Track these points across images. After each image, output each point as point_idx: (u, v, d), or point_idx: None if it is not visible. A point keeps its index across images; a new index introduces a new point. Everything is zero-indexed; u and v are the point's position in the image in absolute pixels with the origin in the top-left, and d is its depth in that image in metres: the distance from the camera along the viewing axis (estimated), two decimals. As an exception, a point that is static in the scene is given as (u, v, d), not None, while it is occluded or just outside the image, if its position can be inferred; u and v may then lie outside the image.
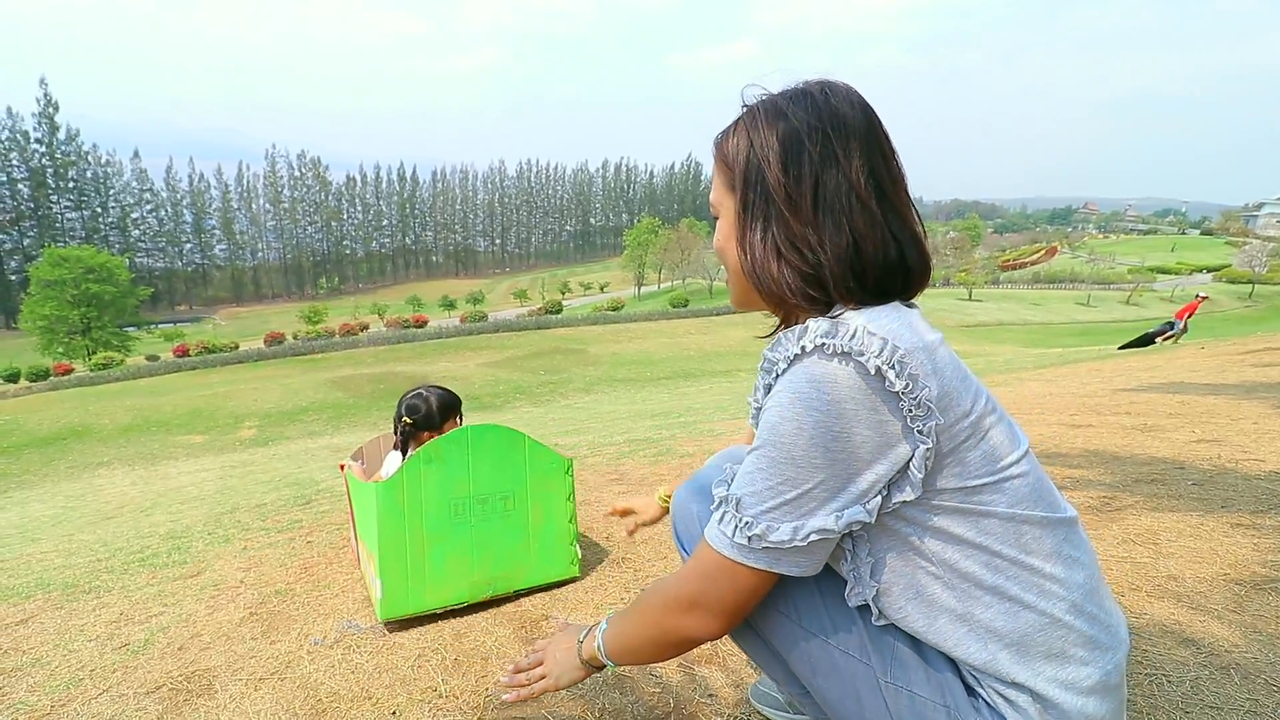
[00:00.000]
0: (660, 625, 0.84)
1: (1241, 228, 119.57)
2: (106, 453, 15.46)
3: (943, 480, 0.73)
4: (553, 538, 1.88)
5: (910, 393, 0.69)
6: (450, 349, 31.98)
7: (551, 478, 1.88)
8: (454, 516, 1.77)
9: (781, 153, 0.77)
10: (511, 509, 1.83)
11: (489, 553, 1.80)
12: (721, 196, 0.85)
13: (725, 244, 0.85)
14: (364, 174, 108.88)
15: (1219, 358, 7.08)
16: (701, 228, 75.30)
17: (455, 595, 1.78)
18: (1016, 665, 0.74)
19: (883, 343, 0.70)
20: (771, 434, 0.72)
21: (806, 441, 0.70)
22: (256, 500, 4.42)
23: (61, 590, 2.44)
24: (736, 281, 0.87)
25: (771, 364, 0.76)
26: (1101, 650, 0.75)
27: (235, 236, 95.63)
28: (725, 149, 0.83)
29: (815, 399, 0.70)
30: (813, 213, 0.76)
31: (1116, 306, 52.00)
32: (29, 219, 77.33)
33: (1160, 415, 3.68)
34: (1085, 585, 0.76)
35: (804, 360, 0.71)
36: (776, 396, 0.73)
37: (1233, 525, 1.97)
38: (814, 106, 0.77)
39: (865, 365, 0.69)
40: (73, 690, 1.58)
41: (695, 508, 0.95)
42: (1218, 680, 1.25)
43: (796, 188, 0.76)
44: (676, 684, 1.39)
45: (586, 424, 8.21)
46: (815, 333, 0.72)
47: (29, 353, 41.65)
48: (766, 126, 0.78)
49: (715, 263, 70.30)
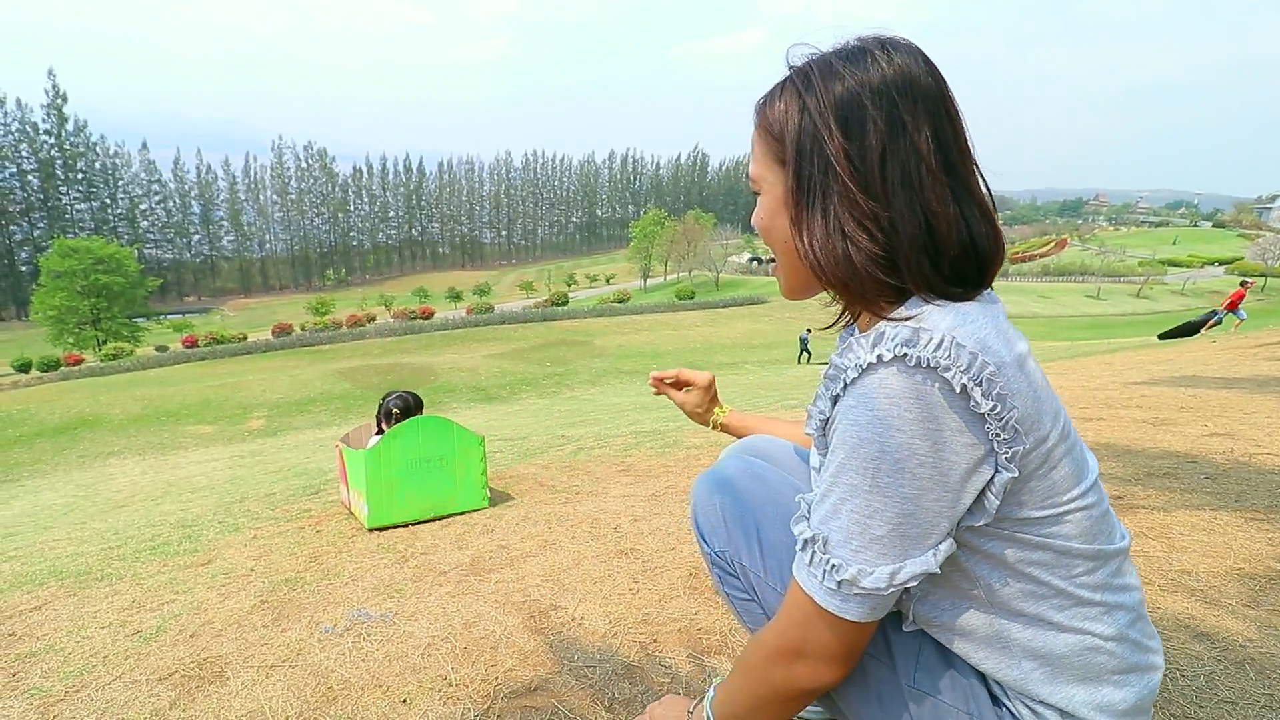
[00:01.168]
0: (768, 683, 0.75)
1: (1254, 220, 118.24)
2: (117, 442, 15.60)
3: (1002, 508, 0.67)
4: (470, 483, 2.83)
5: (998, 414, 0.62)
6: (457, 340, 32.06)
7: (470, 447, 2.82)
8: (410, 469, 2.70)
9: (842, 119, 0.68)
10: (445, 465, 2.77)
11: (431, 490, 2.75)
12: (766, 170, 0.75)
13: (772, 223, 0.76)
14: (370, 165, 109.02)
15: (1231, 351, 7.02)
16: (708, 219, 75.13)
17: (410, 515, 2.71)
18: (1049, 686, 0.71)
19: (971, 357, 0.61)
20: (850, 458, 0.64)
21: (891, 467, 0.62)
22: (265, 490, 4.45)
23: (74, 578, 2.46)
24: (790, 266, 0.77)
25: (839, 371, 0.68)
26: (1139, 673, 0.72)
27: (243, 228, 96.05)
28: (771, 115, 0.73)
29: (897, 418, 0.62)
30: (881, 188, 0.67)
31: (1127, 299, 51.61)
32: (39, 210, 77.88)
33: (1172, 409, 3.65)
34: (1130, 613, 0.72)
35: (879, 372, 0.63)
36: (852, 413, 0.64)
37: (1246, 519, 1.95)
38: (875, 66, 0.68)
39: (950, 382, 0.61)
40: (86, 676, 1.60)
41: (718, 500, 0.90)
42: (1232, 675, 1.24)
43: (861, 159, 0.67)
44: (686, 674, 1.39)
45: (593, 416, 8.22)
46: (894, 340, 0.63)
47: (40, 343, 42.04)
48: (823, 89, 0.69)
49: (721, 255, 70.14)
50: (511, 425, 8.13)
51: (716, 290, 57.29)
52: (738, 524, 0.87)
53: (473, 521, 2.66)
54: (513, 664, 1.48)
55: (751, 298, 45.68)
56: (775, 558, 0.84)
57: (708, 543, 0.91)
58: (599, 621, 1.65)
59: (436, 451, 2.75)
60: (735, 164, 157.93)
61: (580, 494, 2.92)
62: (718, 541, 0.89)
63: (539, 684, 1.39)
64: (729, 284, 61.54)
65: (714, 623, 1.59)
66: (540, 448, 4.62)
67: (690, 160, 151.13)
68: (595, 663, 1.46)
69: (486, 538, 2.41)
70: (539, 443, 5.02)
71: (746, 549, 0.86)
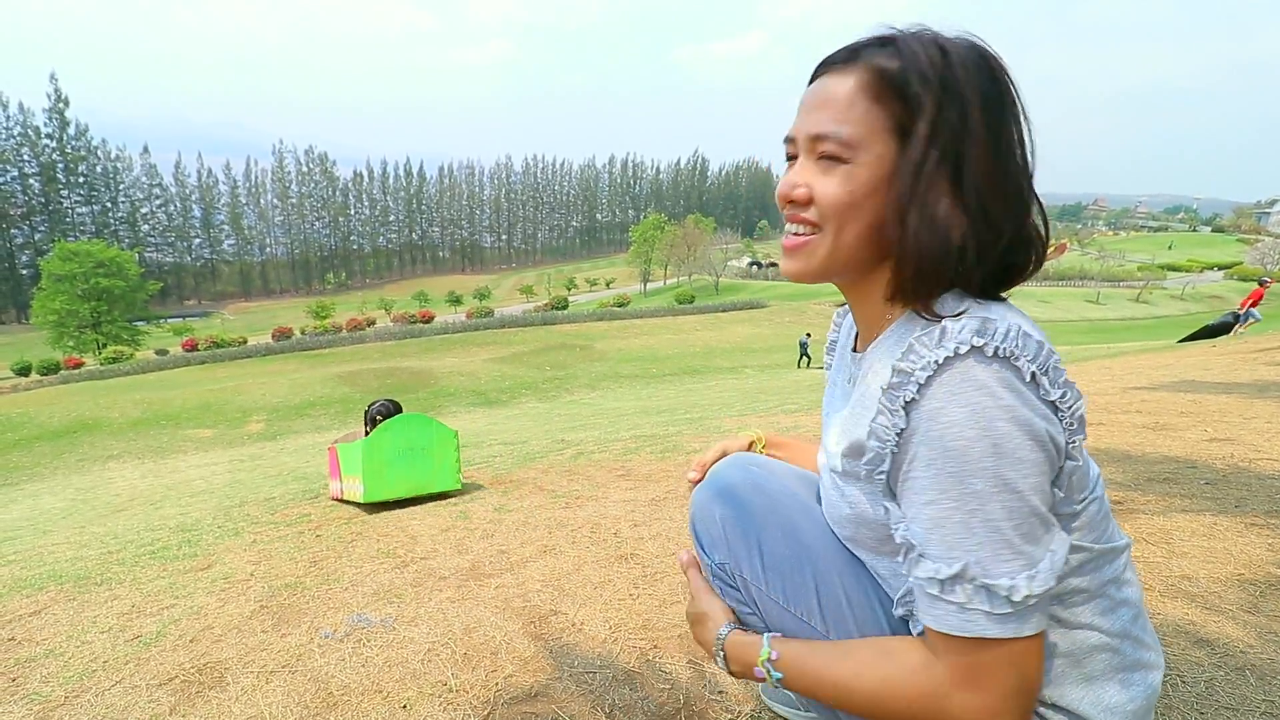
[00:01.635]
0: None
1: (1253, 225, 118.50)
2: (116, 446, 15.58)
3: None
4: (446, 468, 3.29)
5: (1066, 402, 0.62)
6: (456, 344, 32.06)
7: (446, 439, 3.30)
8: (398, 455, 3.17)
9: (984, 92, 0.64)
10: (425, 453, 3.23)
11: (414, 473, 3.21)
12: (871, 137, 0.67)
13: (864, 199, 0.68)
14: (371, 169, 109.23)
15: (1231, 356, 7.02)
16: (708, 224, 75.21)
17: (398, 493, 3.17)
18: (1060, 688, 0.71)
19: (1039, 345, 0.61)
20: (963, 463, 0.59)
21: (1010, 460, 0.59)
22: (265, 494, 4.45)
23: (73, 582, 2.46)
24: (850, 246, 0.70)
25: (907, 376, 0.64)
26: (1143, 671, 0.73)
27: (243, 232, 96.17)
28: (896, 67, 0.66)
29: (994, 407, 0.59)
30: (1003, 182, 0.65)
31: (1126, 304, 51.65)
32: (40, 214, 77.97)
33: (1172, 414, 3.65)
34: (1133, 609, 0.73)
35: (957, 366, 0.60)
36: (942, 415, 0.60)
37: (1247, 525, 1.95)
38: (981, 49, 0.67)
39: (1021, 371, 0.60)
40: (86, 681, 1.60)
41: (719, 511, 0.88)
42: (1233, 681, 1.24)
43: (997, 141, 0.64)
44: (686, 681, 1.39)
45: (593, 420, 8.22)
46: (966, 331, 0.61)
47: (40, 346, 42.03)
48: (964, 71, 0.65)
49: (721, 259, 70.11)
50: (511, 429, 8.13)
51: (716, 294, 57.31)
52: (739, 536, 0.85)
53: (473, 526, 2.66)
54: (513, 670, 1.48)
55: (751, 302, 45.70)
56: (777, 570, 0.82)
57: (708, 554, 0.89)
58: (599, 627, 1.65)
59: (419, 442, 3.22)
60: (735, 169, 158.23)
61: (580, 499, 2.92)
62: (718, 553, 0.87)
63: (539, 690, 1.39)
64: (729, 288, 61.59)
65: (714, 628, 1.59)
66: (540, 452, 4.62)
67: (690, 165, 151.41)
68: (595, 669, 1.45)
69: (486, 542, 2.41)
70: (539, 447, 5.02)
71: (748, 561, 0.84)
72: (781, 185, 0.74)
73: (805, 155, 0.72)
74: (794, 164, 0.74)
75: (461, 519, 2.79)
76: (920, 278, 0.68)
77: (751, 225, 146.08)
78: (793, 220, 0.74)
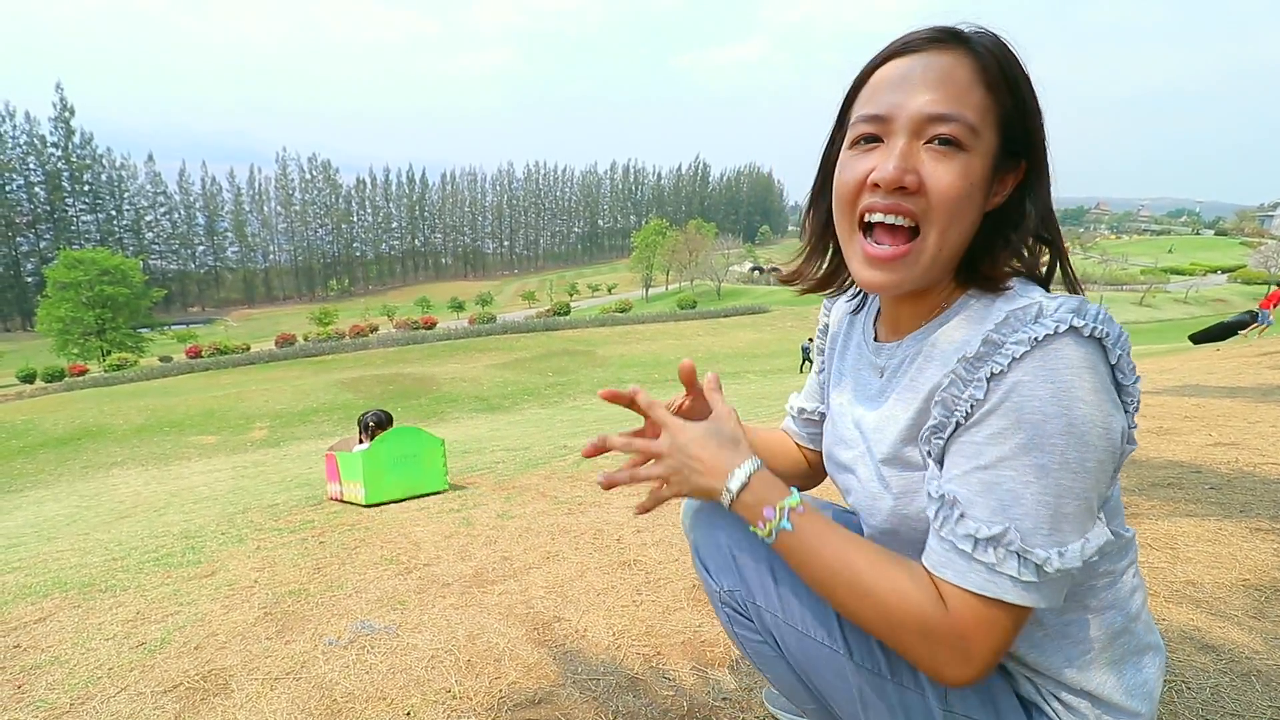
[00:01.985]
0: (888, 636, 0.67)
1: (1256, 228, 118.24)
2: (120, 453, 15.62)
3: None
4: (435, 472, 3.80)
5: (1134, 385, 0.64)
6: (459, 350, 32.12)
7: (434, 447, 3.81)
8: (394, 463, 3.65)
9: (1034, 90, 0.68)
10: (417, 459, 3.73)
11: (408, 477, 3.70)
12: (984, 123, 0.65)
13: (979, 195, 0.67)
14: (374, 176, 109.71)
15: (1235, 360, 7.00)
16: (709, 229, 75.28)
17: (395, 495, 3.62)
18: (1088, 673, 0.72)
19: (1120, 331, 0.62)
20: (1034, 435, 0.59)
21: (1078, 440, 0.59)
22: (268, 500, 4.46)
23: (78, 589, 2.46)
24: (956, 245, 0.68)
25: (996, 348, 0.62)
26: (1153, 653, 0.75)
27: (247, 239, 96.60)
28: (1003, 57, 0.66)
29: (1080, 389, 0.59)
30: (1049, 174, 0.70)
31: (1130, 308, 51.53)
32: (45, 222, 78.42)
33: (1176, 418, 3.64)
34: (1145, 595, 0.76)
35: (1055, 343, 0.60)
36: (1027, 388, 0.60)
37: (1252, 530, 1.95)
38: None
39: (1109, 353, 0.62)
40: (91, 688, 1.60)
41: (723, 535, 0.81)
42: (1239, 687, 1.23)
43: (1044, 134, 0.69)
44: (691, 686, 1.39)
45: (596, 425, 8.22)
46: (1064, 309, 0.61)
47: (45, 354, 42.23)
48: (1023, 71, 0.68)
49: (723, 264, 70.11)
50: (514, 435, 8.13)
51: (718, 300, 57.36)
52: (748, 560, 0.79)
53: (476, 533, 2.66)
54: (516, 676, 1.48)
55: (753, 307, 45.71)
56: (795, 597, 0.76)
57: (715, 580, 0.82)
58: (602, 633, 1.65)
59: (411, 450, 3.73)
60: (736, 174, 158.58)
61: (583, 505, 2.92)
62: (727, 579, 0.80)
63: (543, 696, 1.39)
64: (730, 293, 61.62)
65: (718, 635, 1.59)
66: (543, 458, 4.62)
67: (691, 170, 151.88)
68: (599, 675, 1.45)
69: (489, 549, 2.41)
70: (541, 453, 5.02)
71: (760, 588, 0.77)
72: (884, 169, 0.66)
73: (911, 138, 0.65)
74: (875, 148, 0.68)
75: (465, 525, 2.80)
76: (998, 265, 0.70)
77: (753, 230, 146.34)
78: (891, 211, 0.67)
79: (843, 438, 0.84)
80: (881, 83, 0.68)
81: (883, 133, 0.67)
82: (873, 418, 0.78)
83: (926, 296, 0.74)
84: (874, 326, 0.84)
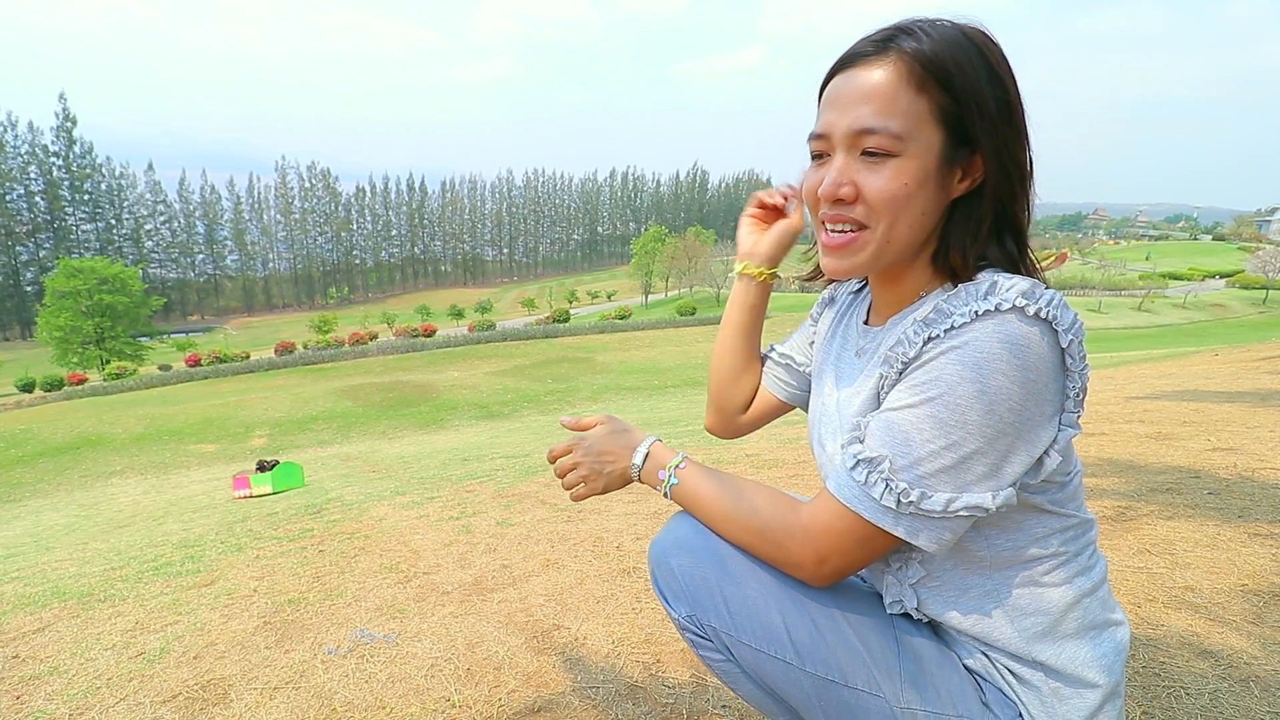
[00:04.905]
0: (756, 548, 0.78)
1: (1254, 233, 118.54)
2: (119, 461, 15.59)
3: (1029, 474, 0.70)
4: (294, 480, 6.64)
5: (1082, 374, 0.67)
6: (459, 358, 32.10)
7: (296, 471, 6.79)
8: (284, 476, 6.58)
9: (1008, 74, 0.70)
10: (289, 477, 6.61)
11: (288, 483, 6.53)
12: (915, 125, 0.69)
13: (919, 189, 0.70)
14: (373, 184, 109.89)
15: (1233, 364, 7.01)
16: (708, 236, 75.43)
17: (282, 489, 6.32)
18: (1036, 645, 0.74)
19: (1074, 317, 0.66)
20: (946, 394, 0.65)
21: (985, 407, 0.64)
22: (267, 509, 4.45)
23: (77, 599, 2.46)
24: (906, 236, 0.72)
25: (944, 315, 0.68)
26: (1113, 629, 0.77)
27: (247, 247, 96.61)
28: (934, 54, 0.68)
29: (1006, 363, 0.63)
30: (1028, 153, 0.72)
31: (1128, 313, 51.54)
32: (45, 231, 78.47)
33: (1174, 423, 3.65)
34: (1102, 577, 0.78)
35: (996, 318, 0.64)
36: (956, 353, 0.65)
37: (1250, 535, 1.95)
38: (990, 35, 0.71)
39: (1058, 337, 0.65)
40: (90, 698, 1.60)
41: (675, 562, 0.83)
42: (1237, 693, 1.24)
43: (1022, 120, 0.71)
44: (690, 694, 1.39)
45: (595, 432, 8.18)
46: (1014, 290, 0.65)
47: (44, 363, 42.15)
48: (998, 56, 0.70)
49: (722, 271, 70.40)
50: (513, 442, 8.12)
51: (718, 306, 57.33)
52: (700, 585, 0.81)
53: (475, 540, 2.66)
54: (516, 685, 1.48)
55: (753, 313, 45.59)
56: (745, 613, 0.79)
57: (673, 608, 0.84)
58: (602, 641, 1.65)
59: (290, 471, 6.61)
60: (735, 181, 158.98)
61: (582, 512, 2.92)
62: (684, 606, 0.82)
63: (542, 705, 1.39)
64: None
65: (717, 642, 1.58)
66: (542, 465, 4.62)
67: (690, 177, 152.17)
68: (599, 683, 1.45)
69: (489, 557, 2.41)
70: (541, 460, 5.02)
71: (714, 611, 0.80)
72: (823, 185, 0.73)
73: (845, 152, 0.72)
74: (826, 162, 0.74)
75: (464, 533, 2.80)
76: (967, 255, 0.73)
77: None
78: (836, 221, 0.74)
79: (822, 418, 0.90)
80: (825, 101, 0.75)
81: (825, 149, 0.75)
82: (845, 394, 0.84)
83: (905, 284, 0.79)
84: (867, 312, 0.91)
